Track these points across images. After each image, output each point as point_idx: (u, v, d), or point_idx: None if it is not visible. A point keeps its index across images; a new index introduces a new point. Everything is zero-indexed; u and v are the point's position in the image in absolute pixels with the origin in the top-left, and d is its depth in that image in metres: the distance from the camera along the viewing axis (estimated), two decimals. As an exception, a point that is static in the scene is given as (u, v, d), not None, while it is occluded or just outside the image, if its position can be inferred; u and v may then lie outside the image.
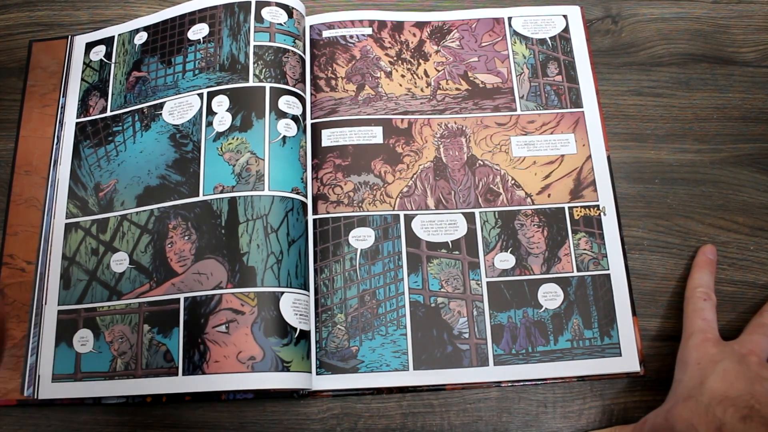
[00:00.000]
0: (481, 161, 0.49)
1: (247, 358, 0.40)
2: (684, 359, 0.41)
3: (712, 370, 0.38)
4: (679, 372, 0.41)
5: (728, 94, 0.52)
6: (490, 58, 0.52)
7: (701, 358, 0.39)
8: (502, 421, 0.43)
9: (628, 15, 0.54)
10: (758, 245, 0.48)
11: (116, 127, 0.50)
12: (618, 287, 0.45)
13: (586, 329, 0.44)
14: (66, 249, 0.47)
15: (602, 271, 0.46)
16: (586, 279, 0.46)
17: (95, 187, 0.48)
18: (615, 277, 0.46)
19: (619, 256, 0.46)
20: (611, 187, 0.48)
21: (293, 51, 0.49)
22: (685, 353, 0.41)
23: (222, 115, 0.46)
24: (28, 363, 0.45)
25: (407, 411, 0.44)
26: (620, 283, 0.45)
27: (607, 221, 0.47)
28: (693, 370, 0.39)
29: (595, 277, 0.46)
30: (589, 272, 0.46)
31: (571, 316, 0.45)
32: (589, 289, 0.45)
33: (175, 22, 0.51)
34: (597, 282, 0.46)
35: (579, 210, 0.47)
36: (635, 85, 0.52)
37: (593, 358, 0.44)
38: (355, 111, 0.50)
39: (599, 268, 0.46)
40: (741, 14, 0.54)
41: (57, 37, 0.54)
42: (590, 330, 0.44)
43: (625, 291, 0.45)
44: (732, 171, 0.49)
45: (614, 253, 0.46)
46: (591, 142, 0.49)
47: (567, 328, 0.44)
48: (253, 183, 0.44)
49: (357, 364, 0.43)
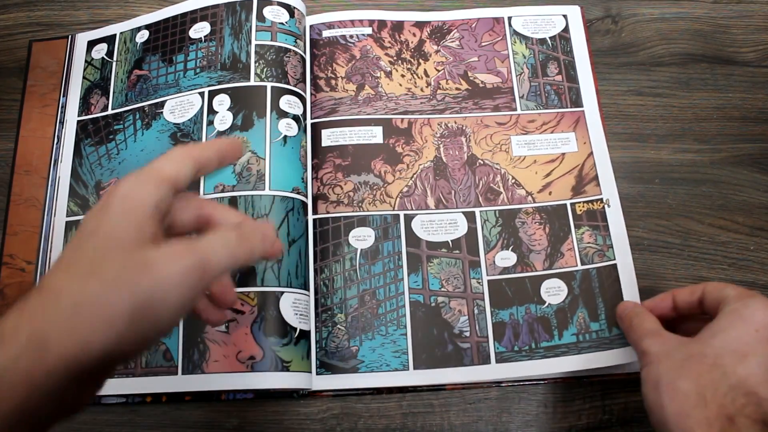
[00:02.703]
0: (482, 161, 0.49)
1: (246, 357, 0.40)
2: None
3: (752, 352, 0.32)
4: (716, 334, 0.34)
5: (728, 94, 0.52)
6: (490, 57, 0.52)
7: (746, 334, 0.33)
8: (502, 421, 0.43)
9: (628, 15, 0.55)
10: (758, 245, 0.48)
11: (117, 125, 0.50)
12: (626, 276, 0.45)
13: (592, 321, 0.44)
14: (66, 248, 0.47)
15: (608, 262, 0.46)
16: (590, 272, 0.46)
17: (96, 185, 0.48)
18: (622, 266, 0.45)
19: (626, 245, 0.46)
20: (614, 180, 0.48)
21: (294, 51, 0.49)
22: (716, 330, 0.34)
23: (223, 114, 0.46)
24: (27, 362, 0.44)
25: (407, 411, 0.44)
26: (628, 272, 0.45)
27: (611, 213, 0.47)
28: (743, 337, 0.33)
29: (601, 268, 0.46)
30: (594, 264, 0.46)
31: (576, 309, 0.45)
32: (595, 281, 0.45)
33: (176, 21, 0.51)
34: (603, 273, 0.45)
35: (581, 205, 0.47)
36: (635, 85, 0.52)
37: (601, 350, 0.43)
38: (355, 111, 0.50)
39: (605, 259, 0.46)
40: (741, 14, 0.54)
41: (57, 37, 0.54)
42: (597, 322, 0.44)
43: (633, 280, 0.45)
44: (732, 171, 0.50)
45: (620, 243, 0.46)
46: (592, 139, 0.49)
47: (572, 322, 0.44)
48: (253, 182, 0.44)
49: (357, 364, 0.43)
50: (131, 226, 0.26)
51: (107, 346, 0.24)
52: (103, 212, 0.27)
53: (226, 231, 0.29)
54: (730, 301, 0.35)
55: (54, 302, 0.24)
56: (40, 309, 0.24)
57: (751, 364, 0.32)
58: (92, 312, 0.24)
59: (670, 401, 0.32)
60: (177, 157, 0.30)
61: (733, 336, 0.33)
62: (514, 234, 0.47)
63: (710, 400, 0.31)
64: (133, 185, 0.27)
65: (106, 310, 0.24)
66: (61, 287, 0.25)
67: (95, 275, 0.25)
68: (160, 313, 0.25)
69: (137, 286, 0.24)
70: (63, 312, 0.24)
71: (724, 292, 0.36)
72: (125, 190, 0.27)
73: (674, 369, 0.33)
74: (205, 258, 0.26)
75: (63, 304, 0.24)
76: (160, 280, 0.25)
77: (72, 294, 0.24)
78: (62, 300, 0.24)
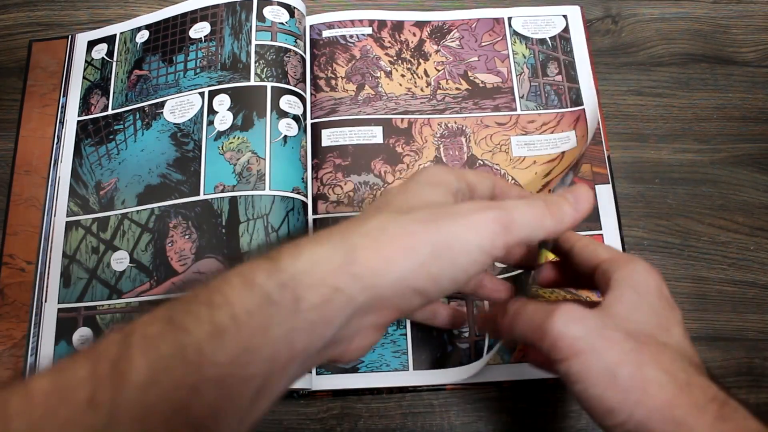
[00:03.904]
0: (481, 161, 0.49)
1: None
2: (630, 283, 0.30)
3: (673, 320, 0.30)
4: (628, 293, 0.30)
5: (728, 94, 0.52)
6: (490, 57, 0.52)
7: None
8: (502, 421, 0.43)
9: (628, 15, 0.55)
10: (758, 245, 0.48)
11: (117, 125, 0.50)
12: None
13: None
14: (66, 247, 0.47)
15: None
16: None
17: (96, 185, 0.48)
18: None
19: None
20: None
21: (294, 51, 0.49)
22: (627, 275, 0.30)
23: (223, 114, 0.46)
24: (27, 363, 0.45)
25: (407, 411, 0.44)
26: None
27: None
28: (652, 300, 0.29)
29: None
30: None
31: None
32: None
33: (176, 21, 0.51)
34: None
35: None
36: (635, 85, 0.52)
37: None
38: (355, 111, 0.50)
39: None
40: (741, 14, 0.54)
41: (57, 37, 0.54)
42: None
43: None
44: (732, 171, 0.50)
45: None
46: (591, 133, 0.49)
47: None
48: (254, 182, 0.44)
49: (357, 363, 0.43)
50: (438, 190, 0.28)
51: (406, 272, 0.24)
52: (410, 181, 0.29)
53: (534, 198, 0.29)
54: (612, 265, 0.31)
55: (362, 223, 0.26)
56: (348, 229, 0.25)
57: (677, 333, 0.29)
58: (397, 235, 0.25)
59: (644, 395, 0.26)
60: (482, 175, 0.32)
61: (648, 308, 0.29)
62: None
63: (691, 383, 0.27)
64: (438, 169, 0.30)
65: (412, 238, 0.25)
66: (369, 216, 0.26)
67: (404, 213, 0.26)
68: (458, 256, 0.25)
69: (442, 224, 0.25)
70: (370, 231, 0.25)
71: (597, 253, 0.32)
72: (431, 171, 0.30)
73: (627, 356, 0.27)
74: (509, 214, 0.26)
75: (370, 225, 0.25)
76: (463, 224, 0.26)
77: (381, 221, 0.26)
78: (369, 222, 0.25)
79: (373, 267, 0.24)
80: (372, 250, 0.24)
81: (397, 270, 0.24)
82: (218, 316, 0.23)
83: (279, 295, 0.23)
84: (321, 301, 0.23)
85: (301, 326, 0.23)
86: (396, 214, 0.26)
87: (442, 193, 0.28)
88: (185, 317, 0.23)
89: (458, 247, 0.25)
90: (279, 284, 0.23)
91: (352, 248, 0.24)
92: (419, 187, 0.29)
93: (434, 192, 0.28)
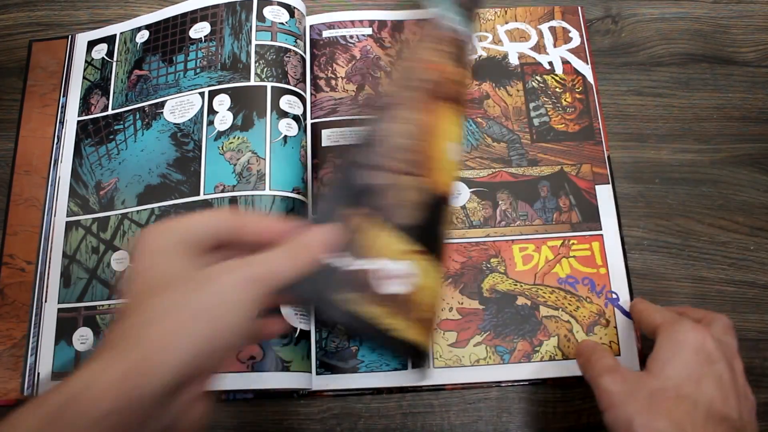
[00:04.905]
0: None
1: (247, 357, 0.40)
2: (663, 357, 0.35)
3: (703, 375, 0.34)
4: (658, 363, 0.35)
5: (728, 94, 0.52)
6: (490, 58, 0.52)
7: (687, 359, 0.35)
8: (502, 421, 0.43)
9: (628, 15, 0.55)
10: (758, 245, 0.48)
11: (117, 125, 0.50)
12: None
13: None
14: (66, 247, 0.47)
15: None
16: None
17: (96, 185, 0.48)
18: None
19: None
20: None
21: (294, 51, 0.49)
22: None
23: (223, 114, 0.46)
24: (27, 363, 0.45)
25: (407, 411, 0.44)
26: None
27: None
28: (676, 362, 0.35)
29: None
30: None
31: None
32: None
33: (176, 21, 0.51)
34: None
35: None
36: (635, 85, 0.52)
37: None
38: (355, 111, 0.50)
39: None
40: (741, 14, 0.54)
41: (57, 37, 0.54)
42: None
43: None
44: (732, 171, 0.50)
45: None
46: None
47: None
48: (254, 182, 0.44)
49: (357, 364, 0.43)
50: (174, 257, 0.28)
51: (182, 355, 0.25)
52: (141, 256, 0.28)
53: (287, 242, 0.30)
54: (661, 328, 0.37)
55: (129, 324, 0.26)
56: (117, 336, 0.26)
57: (708, 386, 0.34)
58: (161, 324, 0.25)
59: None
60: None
61: (680, 363, 0.34)
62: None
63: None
64: (161, 233, 0.29)
65: (174, 323, 0.25)
66: (132, 313, 0.26)
67: (156, 296, 0.26)
68: (225, 319, 0.26)
69: (200, 294, 0.26)
70: (131, 332, 0.25)
71: (653, 318, 0.38)
72: (155, 237, 0.28)
73: (644, 409, 0.33)
74: (266, 268, 0.28)
75: (133, 322, 0.26)
76: (217, 290, 0.26)
77: (145, 317, 0.25)
78: (132, 320, 0.26)
79: (151, 362, 0.24)
80: (142, 347, 0.24)
81: (173, 356, 0.24)
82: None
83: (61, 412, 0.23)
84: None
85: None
86: (153, 304, 0.26)
87: (179, 259, 0.28)
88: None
89: (222, 312, 0.26)
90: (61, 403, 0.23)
91: (124, 353, 0.24)
92: (153, 260, 0.28)
93: (171, 261, 0.27)
